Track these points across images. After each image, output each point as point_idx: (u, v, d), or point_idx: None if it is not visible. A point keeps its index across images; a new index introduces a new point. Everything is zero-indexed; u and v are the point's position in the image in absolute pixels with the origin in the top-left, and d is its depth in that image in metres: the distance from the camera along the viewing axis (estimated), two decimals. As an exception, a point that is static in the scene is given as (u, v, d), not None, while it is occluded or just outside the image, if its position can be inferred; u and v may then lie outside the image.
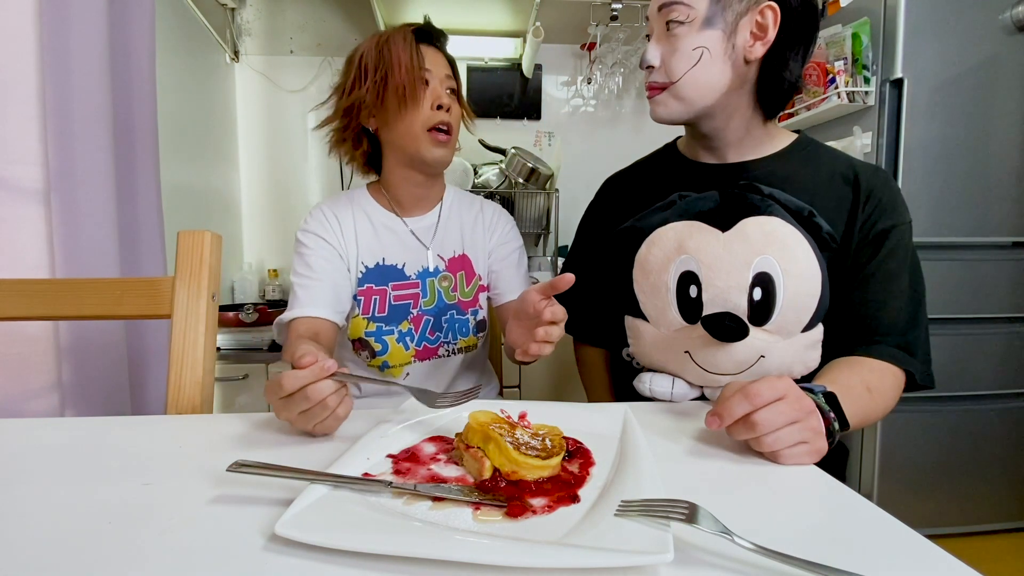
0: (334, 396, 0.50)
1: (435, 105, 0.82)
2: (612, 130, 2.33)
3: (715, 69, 0.69)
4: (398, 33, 0.82)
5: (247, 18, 2.06)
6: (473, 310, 0.92)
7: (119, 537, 0.35)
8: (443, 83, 0.84)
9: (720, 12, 0.67)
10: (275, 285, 2.12)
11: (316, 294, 0.82)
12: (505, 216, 1.00)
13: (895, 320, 0.68)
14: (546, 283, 0.61)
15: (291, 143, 2.20)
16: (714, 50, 0.68)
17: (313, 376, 0.49)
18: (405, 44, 0.81)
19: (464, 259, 0.92)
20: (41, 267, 0.84)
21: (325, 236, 0.86)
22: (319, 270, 0.83)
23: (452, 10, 1.94)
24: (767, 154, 0.75)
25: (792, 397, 0.48)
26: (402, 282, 0.88)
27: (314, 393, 0.49)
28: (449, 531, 0.35)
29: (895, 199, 0.70)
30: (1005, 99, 1.45)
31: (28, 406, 0.84)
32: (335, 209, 0.89)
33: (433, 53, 0.85)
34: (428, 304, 0.89)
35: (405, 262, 0.89)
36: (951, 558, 0.33)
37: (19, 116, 0.82)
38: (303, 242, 0.86)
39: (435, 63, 0.84)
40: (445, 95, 0.83)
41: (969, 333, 1.50)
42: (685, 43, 0.68)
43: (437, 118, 0.82)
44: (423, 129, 0.82)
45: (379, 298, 0.87)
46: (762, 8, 0.67)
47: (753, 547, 0.31)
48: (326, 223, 0.87)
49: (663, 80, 0.71)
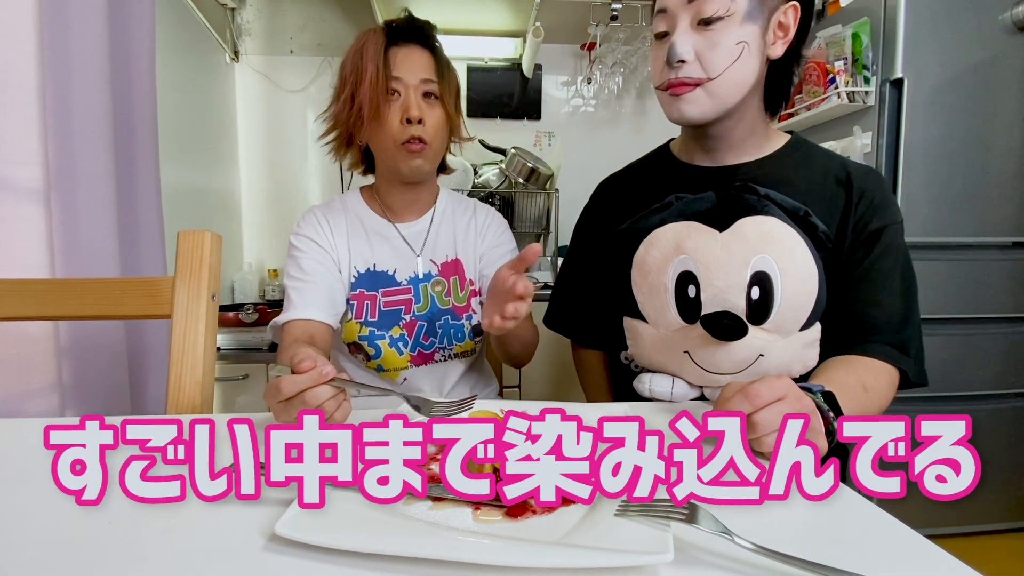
0: (331, 401, 0.51)
1: (403, 119, 0.78)
2: (612, 130, 2.33)
3: (750, 66, 0.68)
4: (373, 37, 0.79)
5: (247, 18, 2.06)
6: (468, 315, 0.91)
7: (119, 537, 0.35)
8: (417, 89, 0.79)
9: (759, 6, 0.66)
10: (275, 285, 2.12)
11: (310, 297, 0.81)
12: (498, 219, 0.98)
13: (888, 319, 0.68)
14: (515, 257, 0.62)
15: (291, 143, 2.20)
16: (752, 46, 0.67)
17: (311, 381, 0.49)
18: (374, 52, 0.77)
19: (457, 264, 0.91)
20: (41, 267, 0.84)
21: (317, 240, 0.85)
22: (312, 273, 0.83)
23: (452, 10, 1.94)
24: (761, 156, 0.75)
25: (792, 397, 0.48)
26: (392, 288, 0.88)
27: (311, 398, 0.49)
28: (449, 531, 0.35)
29: (887, 199, 0.71)
30: (1005, 99, 1.45)
31: (28, 406, 0.84)
32: (328, 214, 0.88)
33: (410, 54, 0.80)
34: (421, 309, 0.88)
35: (396, 268, 0.88)
36: (951, 558, 0.33)
37: (19, 116, 0.82)
38: (296, 245, 0.86)
39: (409, 67, 0.79)
40: (416, 105, 0.78)
41: (969, 333, 1.50)
42: (727, 37, 0.66)
43: (405, 134, 0.78)
44: (394, 144, 0.80)
45: (370, 303, 0.87)
46: (790, 6, 0.68)
47: (753, 547, 0.31)
48: (318, 227, 0.87)
49: (699, 76, 0.67)
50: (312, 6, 2.03)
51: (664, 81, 0.70)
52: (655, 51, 0.73)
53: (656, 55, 0.72)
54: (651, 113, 2.32)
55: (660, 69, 0.71)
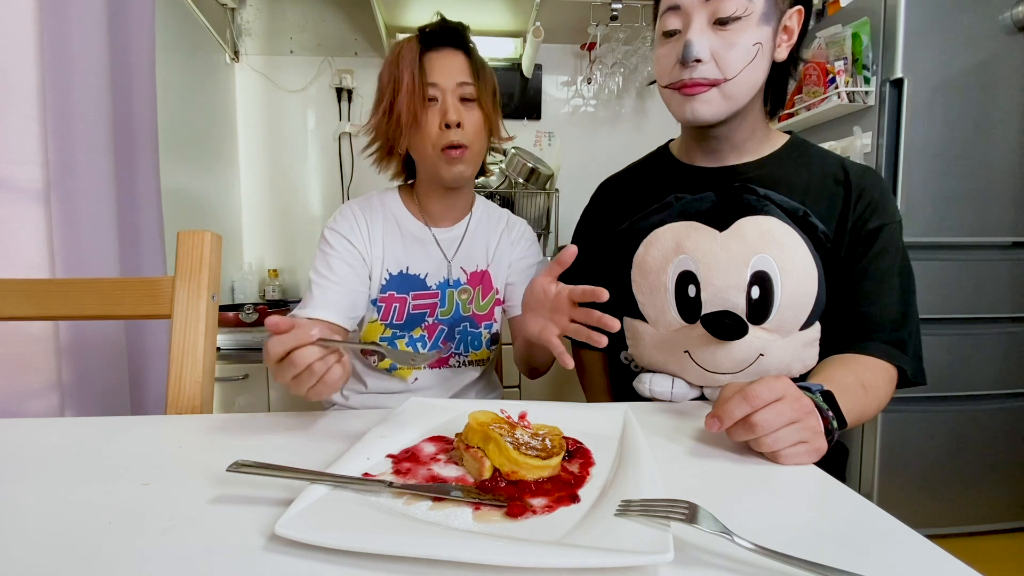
0: (320, 363, 0.50)
1: (443, 124, 0.78)
2: (612, 130, 2.33)
3: (762, 67, 0.68)
4: (408, 45, 0.79)
5: (247, 18, 2.06)
6: (487, 324, 0.91)
7: (119, 537, 0.35)
8: (455, 93, 0.79)
9: (773, 8, 0.67)
10: (275, 285, 2.12)
11: (332, 297, 0.80)
12: (529, 233, 0.98)
13: (887, 317, 0.68)
14: (551, 262, 0.61)
15: (291, 143, 2.20)
16: (765, 48, 0.67)
17: (295, 341, 0.49)
18: (410, 60, 0.77)
19: (485, 274, 0.91)
20: (41, 267, 0.84)
21: (351, 239, 0.84)
22: (340, 273, 0.82)
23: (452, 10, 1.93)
24: (761, 156, 0.75)
25: (791, 397, 0.48)
26: (423, 292, 0.87)
27: (299, 358, 0.49)
28: (449, 531, 0.35)
29: (885, 198, 0.71)
30: (1005, 99, 1.45)
31: (28, 406, 0.84)
32: (366, 212, 0.87)
33: (445, 58, 0.80)
34: (445, 314, 0.88)
35: (428, 272, 0.88)
36: (951, 558, 0.33)
37: (19, 116, 0.82)
38: (329, 241, 0.84)
39: (446, 71, 0.79)
40: (454, 110, 0.78)
41: (969, 333, 1.50)
42: (744, 38, 0.66)
43: (445, 139, 0.78)
44: (435, 150, 0.79)
45: (399, 306, 0.86)
46: (795, 10, 0.68)
47: (753, 547, 0.31)
48: (355, 225, 0.86)
49: (714, 76, 0.67)
50: (312, 6, 2.03)
51: (676, 80, 0.69)
52: (663, 49, 0.71)
53: (665, 53, 0.71)
54: (651, 113, 2.32)
55: (670, 68, 0.70)
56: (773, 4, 0.67)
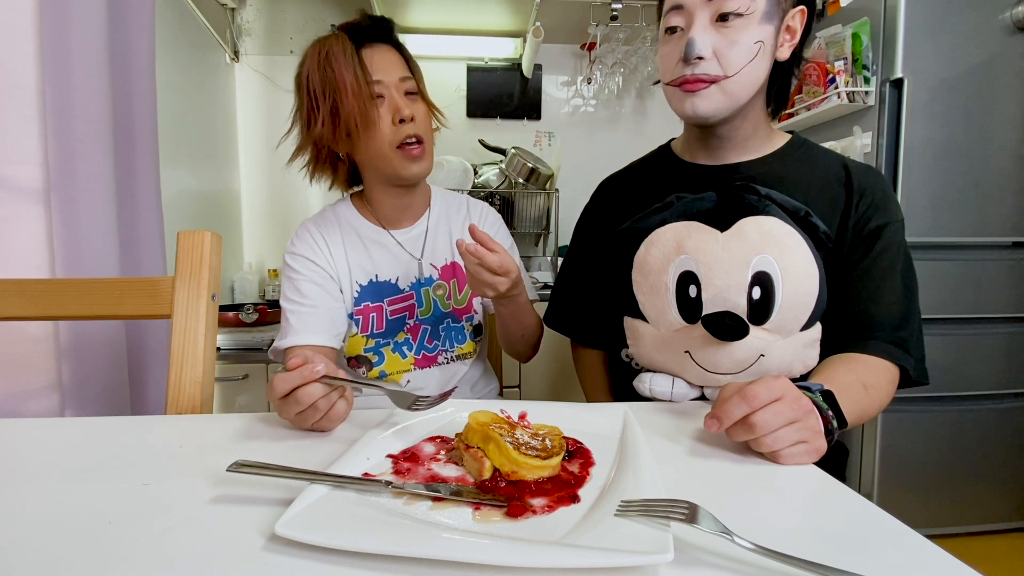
0: (324, 400, 0.51)
1: (396, 119, 0.76)
2: (612, 130, 2.33)
3: (763, 65, 0.69)
4: (337, 44, 0.74)
5: (247, 18, 2.07)
6: (468, 316, 0.91)
7: (119, 537, 0.35)
8: (399, 88, 0.77)
9: (776, 7, 0.67)
10: (275, 285, 2.12)
11: (310, 321, 0.80)
12: (491, 215, 0.96)
13: (889, 317, 0.68)
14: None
15: (291, 143, 2.19)
16: (767, 46, 0.68)
17: (301, 379, 0.49)
18: (347, 59, 0.73)
19: (455, 266, 0.91)
20: (41, 267, 0.84)
21: (314, 259, 0.83)
22: (311, 296, 0.81)
23: (452, 10, 1.94)
24: (763, 155, 0.75)
25: (790, 397, 0.48)
26: (397, 296, 0.87)
27: (304, 396, 0.49)
28: (449, 531, 0.35)
29: (887, 197, 0.71)
30: (1005, 99, 1.45)
31: (28, 406, 0.84)
32: (322, 228, 0.86)
33: (381, 53, 0.77)
34: (424, 313, 0.88)
35: (398, 276, 0.87)
36: (951, 558, 0.33)
37: (19, 116, 0.82)
38: (292, 266, 0.83)
39: (386, 67, 0.77)
40: (403, 104, 0.76)
41: (969, 333, 1.50)
42: (746, 35, 0.66)
43: (402, 133, 0.76)
44: (391, 148, 0.77)
45: (376, 315, 0.86)
46: (798, 10, 0.69)
47: (753, 547, 0.31)
48: (314, 244, 0.84)
49: (716, 73, 0.67)
50: (312, 6, 2.03)
51: (678, 77, 0.69)
52: (665, 47, 0.72)
53: (668, 51, 0.71)
54: (651, 113, 2.32)
55: (672, 65, 0.70)
56: (776, 3, 0.67)
